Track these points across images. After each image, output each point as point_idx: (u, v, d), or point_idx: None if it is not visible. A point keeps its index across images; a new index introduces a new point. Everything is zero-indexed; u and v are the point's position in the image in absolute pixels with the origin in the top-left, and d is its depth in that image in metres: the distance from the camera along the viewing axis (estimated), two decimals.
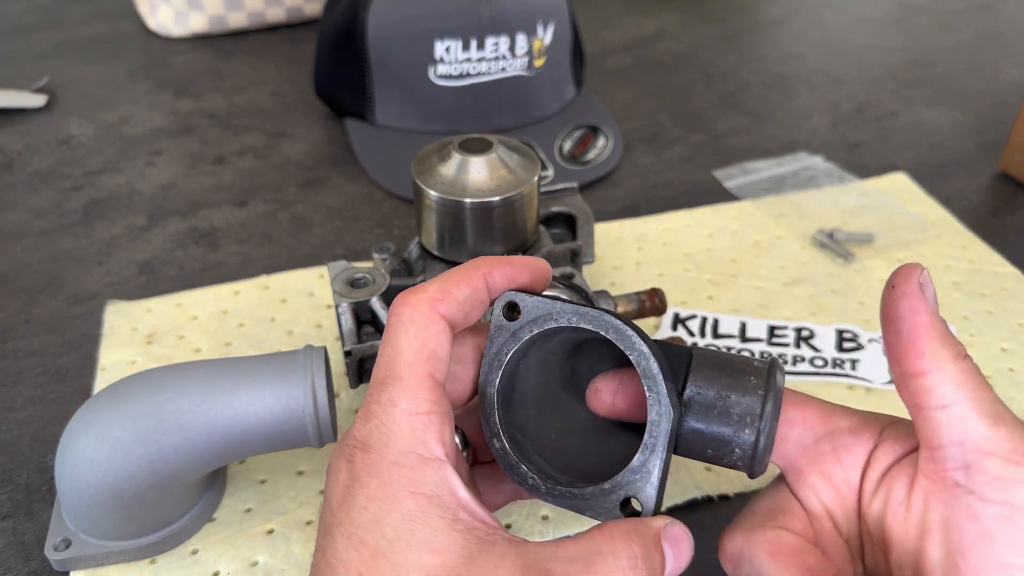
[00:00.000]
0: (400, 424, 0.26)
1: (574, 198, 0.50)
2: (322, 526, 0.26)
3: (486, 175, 0.40)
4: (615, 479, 0.27)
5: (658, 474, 0.27)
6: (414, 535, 0.25)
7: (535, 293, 0.29)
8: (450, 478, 0.26)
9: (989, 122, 0.73)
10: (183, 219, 0.60)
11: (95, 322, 0.50)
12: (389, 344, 0.28)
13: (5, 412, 0.45)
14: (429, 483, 0.26)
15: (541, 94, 0.68)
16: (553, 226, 0.49)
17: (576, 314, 0.28)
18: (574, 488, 0.28)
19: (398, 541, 0.24)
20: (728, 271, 0.54)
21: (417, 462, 0.26)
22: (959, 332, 0.49)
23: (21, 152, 0.69)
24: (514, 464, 0.28)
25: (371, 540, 0.25)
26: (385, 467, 0.26)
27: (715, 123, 0.73)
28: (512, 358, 0.29)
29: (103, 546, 0.36)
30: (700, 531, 0.38)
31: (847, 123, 0.73)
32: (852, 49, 0.88)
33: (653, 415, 0.27)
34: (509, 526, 0.38)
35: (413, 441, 0.26)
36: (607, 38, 0.90)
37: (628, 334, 0.27)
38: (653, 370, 0.27)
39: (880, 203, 0.61)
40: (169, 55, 0.86)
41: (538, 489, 0.28)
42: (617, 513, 0.27)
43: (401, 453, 0.26)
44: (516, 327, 0.29)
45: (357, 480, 0.26)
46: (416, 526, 0.25)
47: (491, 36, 0.64)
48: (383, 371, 0.27)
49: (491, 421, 0.29)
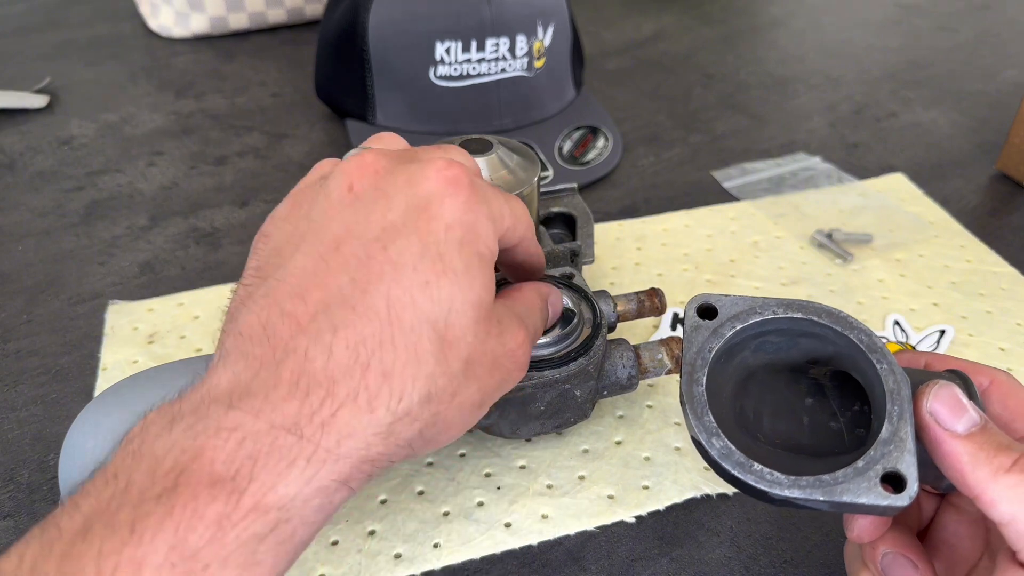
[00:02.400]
0: None
1: (574, 198, 0.50)
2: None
3: (486, 176, 0.41)
4: (867, 455, 0.26)
5: (912, 441, 0.26)
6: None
7: None
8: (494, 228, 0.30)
9: (987, 123, 0.73)
10: (184, 219, 0.61)
11: (97, 322, 0.50)
12: None
13: (7, 412, 0.45)
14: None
15: (541, 95, 0.68)
16: (553, 226, 0.49)
17: (781, 305, 0.28)
18: (823, 475, 0.26)
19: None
20: (727, 271, 0.54)
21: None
22: (957, 332, 0.49)
23: (23, 152, 0.69)
24: (744, 463, 0.27)
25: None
26: (480, 197, 0.29)
27: (714, 124, 0.73)
28: (715, 356, 0.28)
29: None
30: (700, 530, 0.38)
31: (846, 124, 0.73)
32: (851, 50, 0.88)
33: (890, 384, 0.27)
34: (509, 525, 0.38)
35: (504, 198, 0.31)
36: (607, 39, 0.91)
37: (843, 315, 0.28)
38: (878, 344, 0.27)
39: (879, 203, 0.61)
40: (170, 56, 0.86)
41: (778, 483, 0.26)
42: (878, 490, 0.26)
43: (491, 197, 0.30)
44: (716, 324, 0.29)
45: (448, 193, 0.28)
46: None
47: (491, 37, 0.64)
48: None
49: (705, 420, 0.28)
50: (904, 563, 0.29)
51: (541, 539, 0.38)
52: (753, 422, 0.30)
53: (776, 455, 0.29)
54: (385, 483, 0.40)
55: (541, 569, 0.37)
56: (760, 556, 0.37)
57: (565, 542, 0.38)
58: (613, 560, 0.37)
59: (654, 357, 0.41)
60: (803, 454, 0.29)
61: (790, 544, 0.38)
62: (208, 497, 0.22)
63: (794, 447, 0.29)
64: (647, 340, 0.42)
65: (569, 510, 0.39)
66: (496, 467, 0.41)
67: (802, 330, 0.29)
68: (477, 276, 0.27)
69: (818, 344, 0.30)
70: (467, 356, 0.27)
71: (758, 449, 0.28)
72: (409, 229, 0.27)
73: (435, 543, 0.38)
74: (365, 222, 0.27)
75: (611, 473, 0.41)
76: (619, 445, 0.42)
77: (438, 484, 0.40)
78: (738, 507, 0.39)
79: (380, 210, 0.27)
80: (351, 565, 0.36)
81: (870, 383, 0.28)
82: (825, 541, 0.38)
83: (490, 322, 0.28)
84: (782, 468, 0.27)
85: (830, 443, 0.29)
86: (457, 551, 0.37)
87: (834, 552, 0.37)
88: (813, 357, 0.31)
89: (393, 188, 0.28)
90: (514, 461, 0.41)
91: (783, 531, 0.38)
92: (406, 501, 0.39)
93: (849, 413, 0.30)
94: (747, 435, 0.29)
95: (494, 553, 0.37)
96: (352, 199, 0.28)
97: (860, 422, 0.30)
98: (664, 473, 0.41)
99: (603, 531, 0.38)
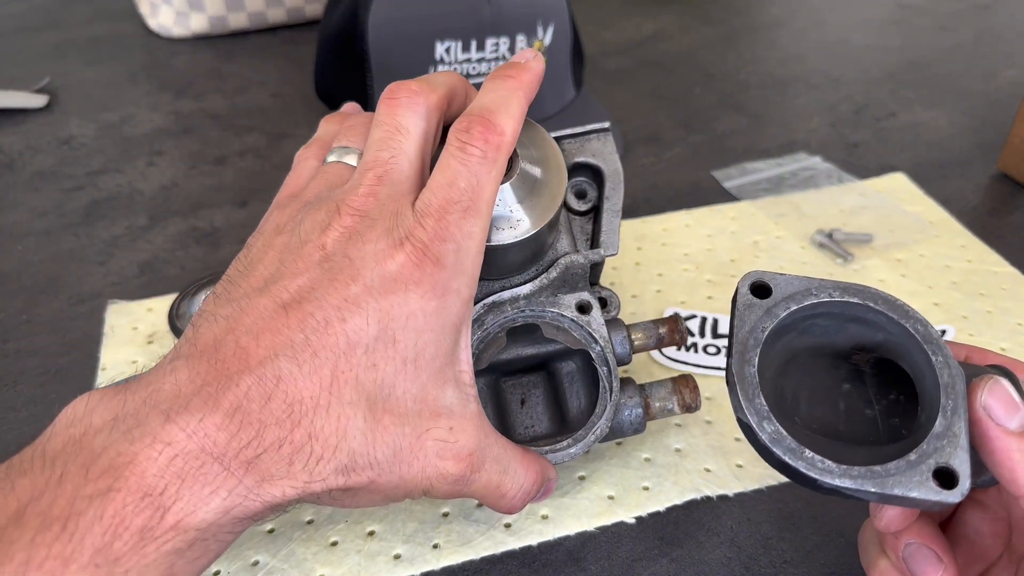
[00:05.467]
0: (471, 259, 0.30)
1: (605, 145, 0.39)
2: (348, 290, 0.28)
3: (508, 207, 0.37)
4: (920, 448, 0.26)
5: (966, 437, 0.26)
6: (428, 354, 0.29)
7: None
8: (466, 340, 0.31)
9: (987, 122, 0.73)
10: (184, 219, 0.60)
11: (96, 322, 0.50)
12: (470, 172, 0.30)
13: (6, 412, 0.45)
14: (459, 324, 0.30)
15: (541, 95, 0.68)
16: (576, 175, 0.40)
17: (838, 288, 0.28)
18: (875, 466, 0.26)
19: (421, 355, 0.29)
20: (727, 271, 0.54)
21: (464, 308, 0.30)
22: (958, 332, 0.49)
23: (22, 152, 0.69)
24: (795, 449, 0.27)
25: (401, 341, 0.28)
26: (443, 289, 0.29)
27: (714, 124, 0.73)
28: (768, 336, 0.28)
29: None
30: (700, 530, 0.38)
31: (846, 124, 0.73)
32: (851, 50, 0.88)
33: (945, 377, 0.26)
34: (508, 525, 0.38)
35: (472, 282, 0.30)
36: (607, 39, 0.91)
37: (900, 303, 0.27)
38: (934, 335, 0.26)
39: (879, 203, 0.61)
40: (170, 56, 0.86)
41: (829, 472, 0.26)
42: (930, 485, 0.25)
43: (461, 286, 0.29)
44: (770, 304, 0.28)
45: (413, 280, 0.28)
46: (434, 352, 0.29)
47: (491, 37, 0.64)
48: (465, 196, 0.29)
49: (756, 403, 0.27)
50: (928, 555, 0.29)
51: (541, 540, 0.38)
52: (791, 405, 0.29)
53: (814, 440, 0.28)
54: None
55: (541, 570, 0.37)
56: (760, 556, 0.37)
57: (565, 543, 0.38)
58: (613, 560, 0.37)
59: (663, 402, 0.38)
60: (839, 440, 0.29)
61: (790, 544, 0.38)
62: (135, 508, 0.24)
63: (830, 433, 0.29)
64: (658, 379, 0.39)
65: (569, 511, 0.39)
66: None
67: (853, 315, 0.29)
68: (425, 369, 0.29)
69: (867, 330, 0.29)
70: (397, 447, 0.28)
71: (797, 433, 0.28)
72: (370, 308, 0.27)
73: (435, 544, 0.37)
74: (330, 286, 0.28)
75: (611, 474, 0.41)
76: (619, 446, 0.42)
77: None
78: (738, 507, 0.39)
79: (345, 279, 0.28)
80: (351, 565, 0.36)
81: (920, 374, 0.28)
82: (825, 541, 0.38)
83: (435, 419, 0.29)
84: (824, 455, 0.26)
85: (864, 431, 0.29)
86: (457, 552, 0.37)
87: (834, 552, 0.37)
88: (860, 343, 0.30)
89: (360, 260, 0.28)
90: None
91: (783, 531, 0.38)
92: (406, 501, 0.39)
93: (885, 401, 0.30)
94: (785, 418, 0.28)
95: (494, 554, 0.37)
96: (322, 258, 0.28)
97: (894, 411, 0.30)
98: (664, 474, 0.41)
99: (603, 531, 0.38)
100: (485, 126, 0.30)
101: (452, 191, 0.29)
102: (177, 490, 0.24)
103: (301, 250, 0.29)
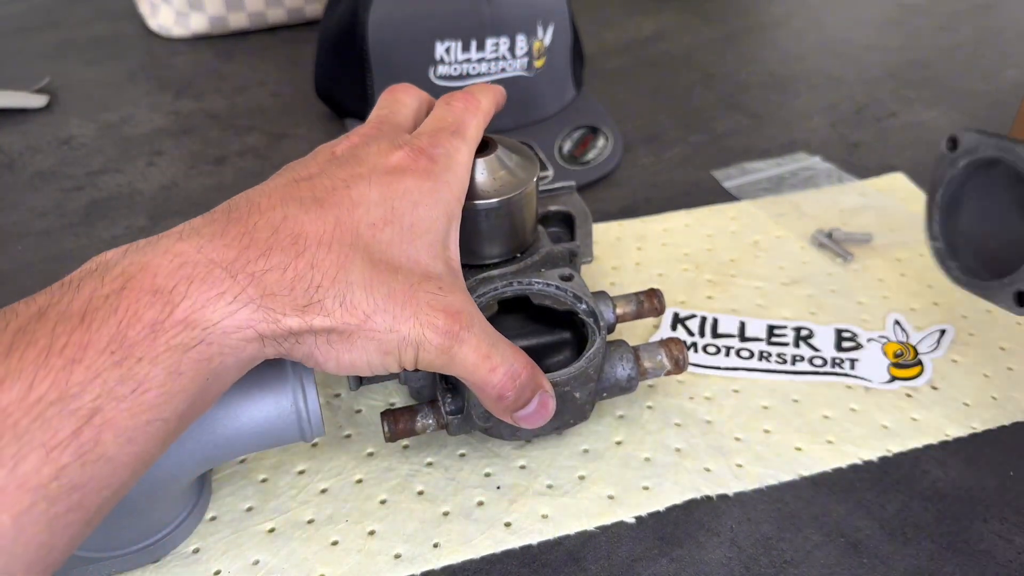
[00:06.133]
0: (460, 165, 0.36)
1: (572, 197, 0.50)
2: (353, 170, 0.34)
3: (486, 176, 0.41)
4: (1014, 275, 0.33)
5: None
6: (424, 234, 0.33)
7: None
8: (456, 236, 0.36)
9: (988, 122, 0.73)
10: (184, 219, 0.59)
11: None
12: (455, 115, 0.37)
13: None
14: (450, 214, 0.35)
15: (541, 95, 0.68)
16: (551, 225, 0.49)
17: (997, 148, 0.37)
18: (986, 280, 0.36)
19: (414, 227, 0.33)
20: (727, 271, 0.54)
21: (455, 202, 0.35)
22: (958, 331, 0.49)
23: (22, 152, 0.69)
24: (944, 260, 0.39)
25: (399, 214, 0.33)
26: (436, 177, 0.34)
27: (714, 123, 0.73)
28: (953, 181, 0.39)
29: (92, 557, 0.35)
30: (700, 530, 0.38)
31: (846, 123, 0.73)
32: (851, 50, 0.88)
33: None
34: (509, 525, 0.38)
35: (461, 185, 0.36)
36: (607, 39, 0.91)
37: None
38: None
39: (879, 203, 0.61)
40: (170, 56, 0.86)
41: (959, 281, 0.39)
42: (1010, 303, 0.34)
43: (451, 181, 0.35)
44: (954, 156, 0.39)
45: (410, 168, 0.34)
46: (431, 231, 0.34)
47: (491, 37, 0.64)
48: (452, 125, 0.37)
49: (932, 227, 0.40)
50: None
51: (541, 539, 0.38)
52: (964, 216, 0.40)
53: (987, 254, 0.39)
54: (385, 483, 0.40)
55: (541, 569, 0.37)
56: (760, 556, 0.37)
57: (565, 542, 0.38)
58: (613, 560, 0.37)
59: (654, 358, 0.41)
60: (996, 253, 0.39)
61: (790, 544, 0.38)
62: (147, 303, 0.26)
63: (986, 244, 0.39)
64: (647, 341, 0.42)
65: (569, 510, 0.39)
66: (496, 467, 0.41)
67: None
68: (420, 238, 0.33)
69: None
70: (388, 294, 0.30)
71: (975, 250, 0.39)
72: (373, 181, 0.32)
73: (435, 543, 0.37)
74: (338, 169, 0.33)
75: (611, 473, 0.41)
76: (619, 445, 0.42)
77: (438, 484, 0.40)
78: (738, 507, 0.39)
79: (351, 166, 0.33)
80: (351, 565, 0.36)
81: None
82: (825, 541, 0.38)
83: (429, 280, 0.32)
84: (969, 261, 0.39)
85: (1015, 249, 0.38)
86: (457, 551, 0.37)
87: (834, 552, 0.37)
88: None
89: (365, 154, 0.34)
90: (514, 461, 0.41)
91: (783, 531, 0.38)
92: (406, 501, 0.39)
93: None
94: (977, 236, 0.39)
95: (494, 553, 0.37)
96: (331, 158, 0.34)
97: None
98: (664, 474, 0.41)
99: (603, 531, 0.38)
100: (465, 95, 0.38)
101: (441, 123, 0.36)
102: (186, 289, 0.27)
103: (315, 159, 0.35)
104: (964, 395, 0.45)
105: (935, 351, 0.48)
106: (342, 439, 0.43)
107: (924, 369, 0.47)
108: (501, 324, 0.41)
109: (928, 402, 0.45)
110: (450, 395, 0.38)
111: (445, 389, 0.39)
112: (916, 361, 0.47)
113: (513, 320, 0.42)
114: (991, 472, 0.41)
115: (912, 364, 0.47)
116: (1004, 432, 0.43)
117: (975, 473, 0.41)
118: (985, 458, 0.42)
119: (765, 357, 0.47)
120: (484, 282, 0.41)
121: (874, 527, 0.38)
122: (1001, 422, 0.43)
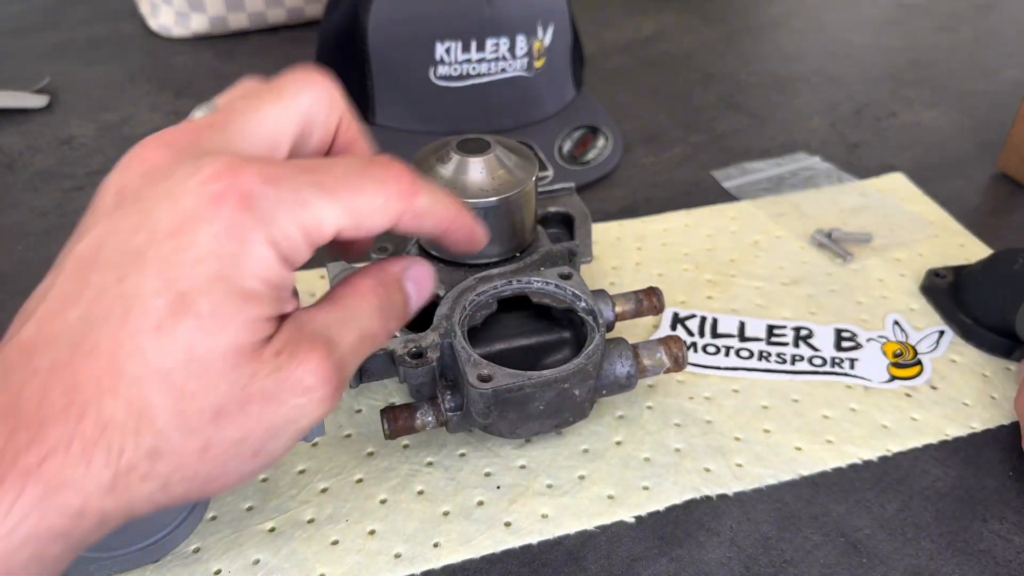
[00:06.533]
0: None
1: (571, 198, 0.50)
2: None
3: (485, 175, 0.41)
4: None
5: None
6: None
7: None
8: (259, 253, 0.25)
9: (988, 122, 0.73)
10: None
11: None
12: None
13: None
14: None
15: (541, 95, 0.68)
16: (550, 226, 0.50)
17: None
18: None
19: None
20: (727, 271, 0.54)
21: None
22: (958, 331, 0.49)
23: (22, 152, 0.69)
24: None
25: None
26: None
27: (714, 123, 0.73)
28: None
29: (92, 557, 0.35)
30: (700, 530, 0.38)
31: (846, 123, 0.73)
32: (851, 50, 0.88)
33: None
34: (509, 525, 0.38)
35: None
36: (607, 39, 0.91)
37: None
38: None
39: (879, 203, 0.61)
40: (170, 56, 0.86)
41: None
42: None
43: None
44: None
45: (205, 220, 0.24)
46: None
47: (491, 37, 0.64)
48: None
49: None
50: None
51: (541, 538, 0.38)
52: None
53: None
54: (385, 483, 0.40)
55: (541, 569, 0.37)
56: (760, 556, 0.37)
57: (565, 541, 0.38)
58: (613, 560, 0.37)
59: (653, 355, 0.41)
60: None
61: (790, 544, 0.38)
62: None
63: None
64: (646, 339, 0.42)
65: (569, 510, 0.39)
66: (496, 467, 0.41)
67: None
68: (232, 318, 0.23)
69: None
70: (217, 407, 0.23)
71: None
72: (151, 259, 0.23)
73: (435, 542, 0.38)
74: (114, 240, 0.24)
75: (611, 473, 0.41)
76: (619, 445, 0.42)
77: (438, 484, 0.40)
78: (738, 507, 0.39)
79: (129, 228, 0.24)
80: (351, 565, 0.37)
81: None
82: (825, 541, 0.38)
83: (258, 361, 0.24)
84: None
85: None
86: (457, 550, 0.37)
87: (834, 552, 0.37)
88: None
89: (153, 200, 0.24)
90: (514, 461, 0.41)
91: (783, 531, 0.38)
92: (406, 501, 0.39)
93: None
94: None
95: (494, 552, 0.37)
96: (115, 204, 0.25)
97: None
98: (664, 474, 0.41)
99: (603, 531, 0.38)
100: None
101: None
102: None
103: (100, 200, 0.27)
104: (963, 395, 0.45)
105: (934, 351, 0.48)
106: (342, 439, 0.43)
107: (923, 369, 0.47)
108: (500, 323, 0.41)
109: (928, 402, 0.45)
110: (449, 392, 0.38)
111: (445, 386, 0.39)
112: (916, 361, 0.47)
113: (512, 319, 0.42)
114: (991, 472, 0.41)
115: (911, 364, 0.47)
116: (1004, 432, 0.43)
117: (975, 473, 0.41)
118: (985, 458, 0.42)
119: (765, 357, 0.47)
120: (483, 281, 0.41)
121: (874, 527, 0.38)
122: (1001, 422, 0.43)
